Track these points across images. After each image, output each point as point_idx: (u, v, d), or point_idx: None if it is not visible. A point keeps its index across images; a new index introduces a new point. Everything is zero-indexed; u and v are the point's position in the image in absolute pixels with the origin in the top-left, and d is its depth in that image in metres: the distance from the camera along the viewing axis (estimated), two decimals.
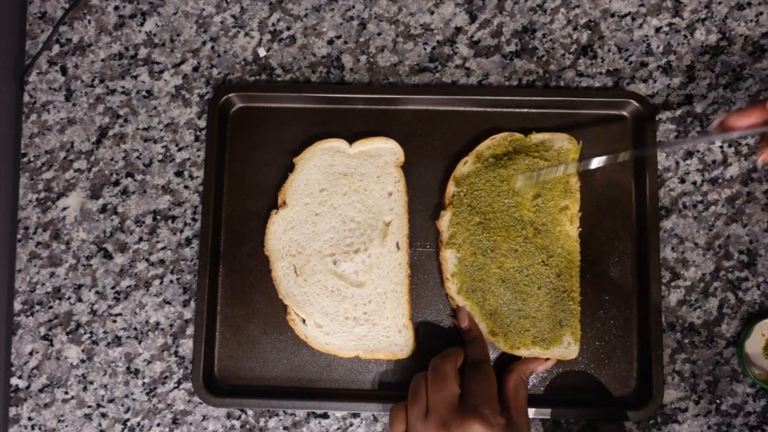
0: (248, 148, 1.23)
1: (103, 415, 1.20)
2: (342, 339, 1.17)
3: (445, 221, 1.18)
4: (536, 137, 1.20)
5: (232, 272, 1.21)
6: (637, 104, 1.20)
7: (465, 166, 1.19)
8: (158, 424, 1.19)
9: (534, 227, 1.17)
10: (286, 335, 1.19)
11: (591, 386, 1.17)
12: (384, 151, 1.21)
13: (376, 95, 1.22)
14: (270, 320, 1.20)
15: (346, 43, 1.26)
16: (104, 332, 1.21)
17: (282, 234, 1.19)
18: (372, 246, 1.18)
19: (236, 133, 1.23)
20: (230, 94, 1.22)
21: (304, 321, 1.18)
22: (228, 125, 1.24)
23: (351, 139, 1.21)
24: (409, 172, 1.21)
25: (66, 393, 1.20)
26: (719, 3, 1.25)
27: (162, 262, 1.22)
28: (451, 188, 1.19)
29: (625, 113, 1.22)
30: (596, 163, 1.12)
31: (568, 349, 1.15)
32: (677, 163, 1.22)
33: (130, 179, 1.24)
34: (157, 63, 1.26)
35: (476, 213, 1.17)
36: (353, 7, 1.27)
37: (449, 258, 1.17)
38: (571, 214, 1.18)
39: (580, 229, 1.18)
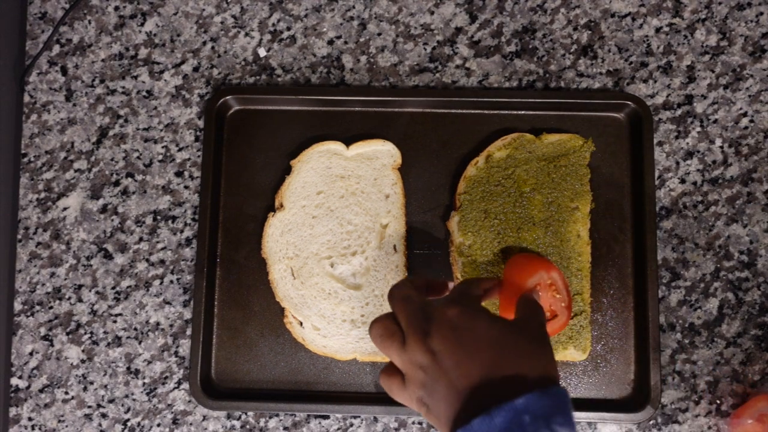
0: (245, 151, 1.18)
1: (104, 416, 1.15)
2: (339, 341, 1.12)
3: (455, 222, 1.13)
4: (548, 138, 1.15)
5: (229, 275, 1.16)
6: (634, 106, 1.15)
7: (476, 167, 1.14)
8: (158, 425, 1.14)
9: (545, 228, 1.12)
10: (284, 338, 1.14)
11: (590, 388, 1.13)
12: (381, 154, 1.16)
13: (373, 97, 1.17)
14: (267, 323, 1.15)
15: (346, 43, 1.21)
16: (104, 332, 1.16)
17: (279, 237, 1.14)
18: (369, 248, 1.13)
19: (233, 136, 1.19)
20: (227, 97, 1.17)
21: (301, 324, 1.13)
22: (225, 128, 1.19)
23: (348, 142, 1.16)
24: (407, 175, 1.17)
25: (66, 393, 1.15)
26: (719, 3, 1.20)
27: (162, 262, 1.17)
28: (461, 189, 1.14)
29: (623, 115, 1.17)
30: None
31: (578, 350, 1.11)
32: (677, 163, 1.17)
33: (130, 179, 1.18)
34: (158, 63, 1.21)
35: (487, 214, 1.13)
36: (353, 7, 1.22)
37: (459, 258, 1.12)
38: (582, 216, 1.13)
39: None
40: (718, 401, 1.12)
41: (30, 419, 1.14)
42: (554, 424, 0.72)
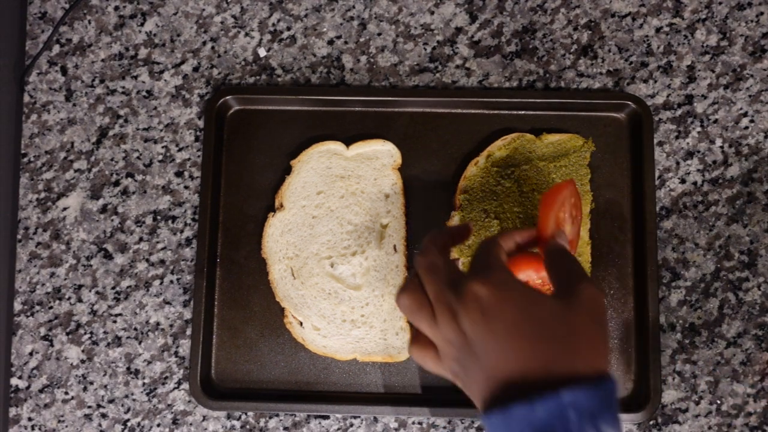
0: (245, 151, 1.18)
1: (103, 416, 1.14)
2: (339, 342, 1.12)
3: (455, 222, 1.13)
4: (548, 138, 1.15)
5: (229, 275, 1.15)
6: (634, 106, 1.15)
7: (476, 167, 1.14)
8: (158, 425, 1.14)
9: None
10: (284, 338, 1.14)
11: None
12: (381, 154, 1.15)
13: (373, 97, 1.17)
14: (267, 323, 1.14)
15: (346, 43, 1.21)
16: (104, 332, 1.15)
17: (279, 237, 1.14)
18: (369, 249, 1.13)
19: (233, 136, 1.18)
20: (227, 97, 1.17)
21: (301, 324, 1.12)
22: (225, 128, 1.18)
23: (348, 142, 1.16)
24: (407, 175, 1.16)
25: (66, 393, 1.14)
26: (720, 3, 1.20)
27: (162, 262, 1.17)
28: (461, 189, 1.13)
29: (623, 115, 1.17)
30: None
31: None
32: (678, 163, 1.16)
33: (130, 179, 1.18)
34: (158, 63, 1.21)
35: (487, 213, 1.12)
36: (353, 7, 1.21)
37: (459, 258, 1.12)
38: (582, 216, 1.12)
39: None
40: (718, 401, 1.12)
41: (30, 419, 1.14)
42: (602, 423, 0.67)
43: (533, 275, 1.02)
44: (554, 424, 0.66)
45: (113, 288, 1.16)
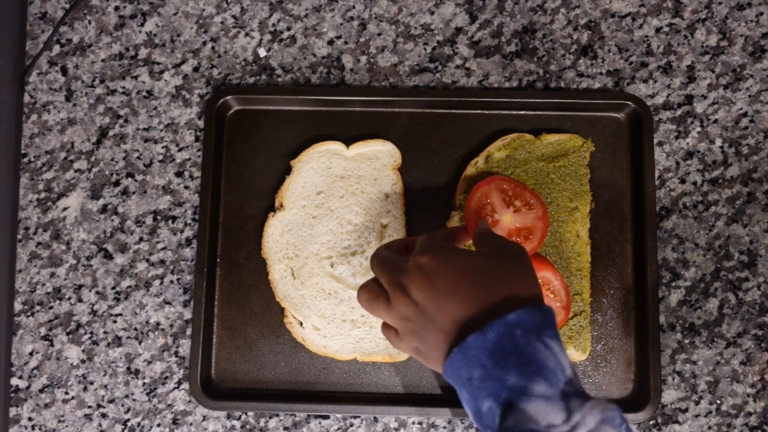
0: (245, 151, 1.18)
1: (104, 416, 1.14)
2: (339, 342, 1.12)
3: (455, 222, 1.12)
4: (548, 138, 1.15)
5: (229, 275, 1.15)
6: (634, 106, 1.15)
7: (475, 167, 1.13)
8: (158, 425, 1.14)
9: None
10: (284, 338, 1.14)
11: (590, 388, 1.12)
12: (381, 154, 1.15)
13: (373, 97, 1.17)
14: (267, 323, 1.14)
15: (346, 43, 1.21)
16: (104, 332, 1.15)
17: (279, 237, 1.14)
18: (369, 248, 1.13)
19: (233, 136, 1.18)
20: (227, 97, 1.16)
21: (301, 324, 1.12)
22: (225, 128, 1.18)
23: (348, 142, 1.16)
24: (407, 175, 1.16)
25: (66, 393, 1.14)
26: (719, 3, 1.20)
27: (162, 262, 1.16)
28: (461, 189, 1.13)
29: (623, 115, 1.17)
30: None
31: (578, 350, 1.11)
32: (677, 163, 1.16)
33: (130, 179, 1.18)
34: (158, 63, 1.21)
35: None
36: (353, 7, 1.21)
37: None
38: (582, 216, 1.13)
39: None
40: (718, 401, 1.12)
41: (30, 419, 1.14)
42: (545, 336, 0.76)
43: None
44: (504, 342, 0.75)
45: (113, 288, 1.16)
